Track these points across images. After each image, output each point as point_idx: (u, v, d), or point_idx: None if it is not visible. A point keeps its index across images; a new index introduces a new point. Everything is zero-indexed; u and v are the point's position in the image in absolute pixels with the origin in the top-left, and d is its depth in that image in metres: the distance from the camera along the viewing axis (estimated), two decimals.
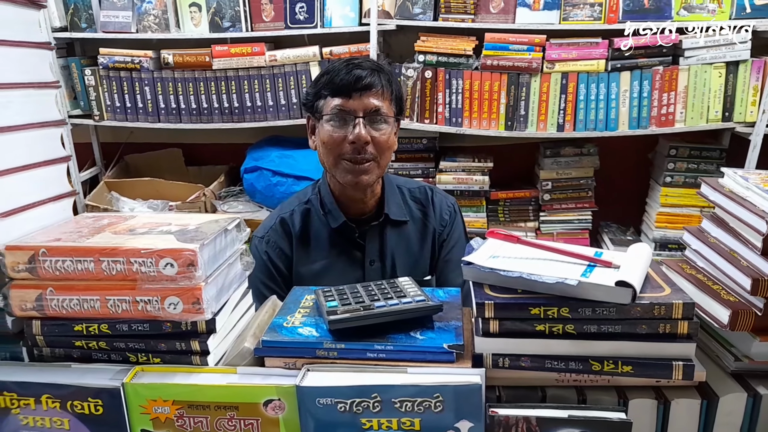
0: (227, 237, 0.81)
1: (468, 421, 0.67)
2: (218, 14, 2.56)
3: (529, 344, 0.70)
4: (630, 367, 0.68)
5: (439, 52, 2.53)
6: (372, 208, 1.28)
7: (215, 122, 2.68)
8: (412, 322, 0.76)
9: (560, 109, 2.50)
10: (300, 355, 0.73)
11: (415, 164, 2.81)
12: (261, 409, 0.70)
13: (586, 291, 0.68)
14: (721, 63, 2.36)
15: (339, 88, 1.15)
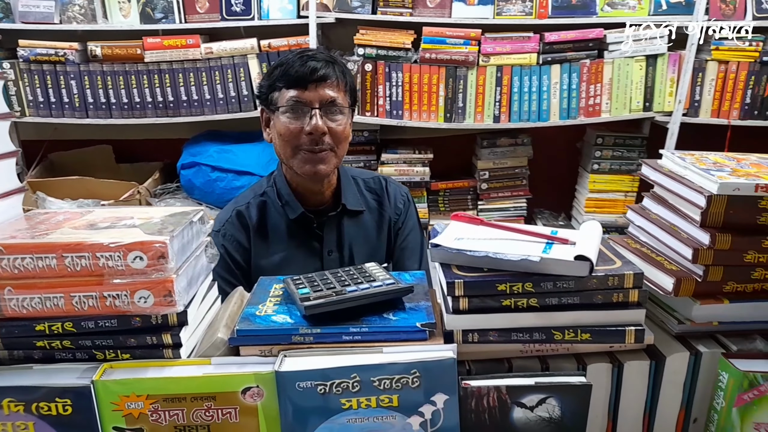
0: (193, 229, 0.80)
1: (443, 394, 0.70)
2: (149, 5, 2.47)
3: (496, 319, 0.74)
4: (588, 334, 0.73)
5: (378, 45, 2.55)
6: (329, 198, 1.29)
7: (148, 117, 2.59)
8: (385, 304, 0.78)
9: (496, 101, 2.59)
10: (276, 342, 0.74)
11: (357, 157, 2.83)
12: (239, 398, 0.70)
13: (547, 266, 0.72)
14: (642, 57, 2.52)
15: (294, 79, 1.15)
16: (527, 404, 0.71)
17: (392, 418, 0.71)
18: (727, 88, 2.51)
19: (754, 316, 0.76)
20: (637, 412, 0.77)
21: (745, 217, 0.72)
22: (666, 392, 0.76)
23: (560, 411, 0.72)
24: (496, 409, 0.72)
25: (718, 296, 0.75)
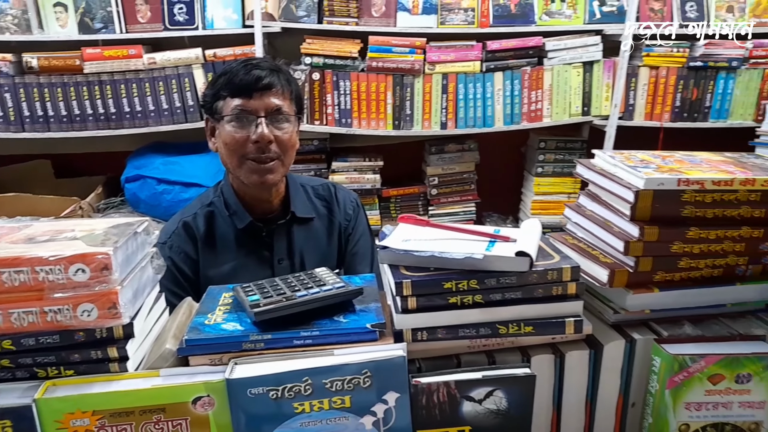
0: (137, 240, 0.79)
1: (395, 393, 0.72)
2: (88, 14, 2.41)
3: (444, 316, 0.76)
4: (531, 327, 0.77)
5: (325, 54, 2.57)
6: (277, 207, 1.29)
7: (89, 130, 2.51)
8: (335, 307, 0.79)
9: (443, 108, 2.64)
10: (226, 350, 0.73)
11: (307, 165, 2.83)
12: (189, 408, 0.69)
13: (490, 263, 0.75)
14: (579, 63, 2.63)
15: (239, 88, 1.15)
16: (475, 398, 0.74)
17: (345, 419, 0.72)
18: (659, 92, 2.65)
19: (682, 302, 0.81)
20: (580, 399, 0.81)
21: (670, 210, 0.77)
22: (605, 379, 0.80)
23: (507, 402, 0.74)
24: (446, 404, 0.74)
25: (649, 286, 0.80)
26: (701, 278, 0.81)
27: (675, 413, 0.76)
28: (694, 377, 0.75)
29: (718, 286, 0.81)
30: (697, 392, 0.75)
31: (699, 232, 0.76)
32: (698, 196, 0.75)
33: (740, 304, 0.83)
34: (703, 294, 0.81)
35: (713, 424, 0.77)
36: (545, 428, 0.82)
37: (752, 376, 0.75)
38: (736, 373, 0.75)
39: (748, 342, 0.78)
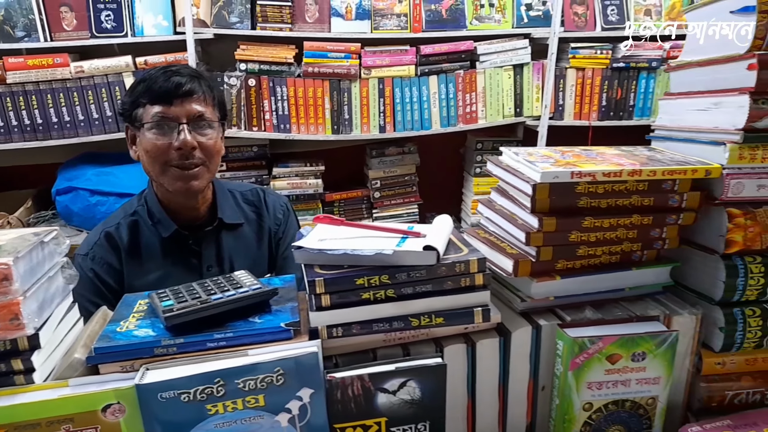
0: (44, 250, 0.77)
1: (309, 389, 0.73)
2: (8, 23, 2.32)
3: (357, 312, 0.78)
4: (441, 318, 0.79)
5: (260, 60, 2.56)
6: (204, 213, 1.28)
7: (15, 141, 2.42)
8: (251, 308, 0.80)
9: (380, 112, 2.67)
10: (137, 356, 0.73)
11: (247, 172, 2.80)
12: (99, 416, 0.69)
13: (400, 258, 0.78)
14: (509, 66, 2.71)
15: (159, 95, 1.14)
16: (389, 389, 0.76)
17: (260, 418, 0.72)
18: (586, 92, 2.77)
19: (583, 288, 0.86)
20: (493, 386, 0.84)
21: (566, 202, 0.81)
22: (515, 365, 0.84)
23: (420, 392, 0.77)
24: (361, 397, 0.75)
25: (551, 274, 0.84)
26: (600, 265, 0.86)
27: (578, 393, 0.81)
28: (594, 358, 0.79)
29: (616, 271, 0.86)
30: (598, 372, 0.80)
31: (593, 221, 0.81)
32: (591, 188, 0.80)
33: (638, 287, 0.88)
34: (602, 280, 0.86)
35: (614, 402, 0.82)
36: (461, 416, 0.85)
37: (647, 354, 0.80)
38: (632, 351, 0.80)
39: (643, 323, 0.83)
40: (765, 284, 0.83)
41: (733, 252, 0.83)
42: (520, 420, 0.87)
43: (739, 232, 0.81)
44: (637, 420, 0.83)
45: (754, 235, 0.82)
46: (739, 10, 0.79)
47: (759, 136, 0.79)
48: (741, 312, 0.84)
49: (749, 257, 0.83)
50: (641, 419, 0.84)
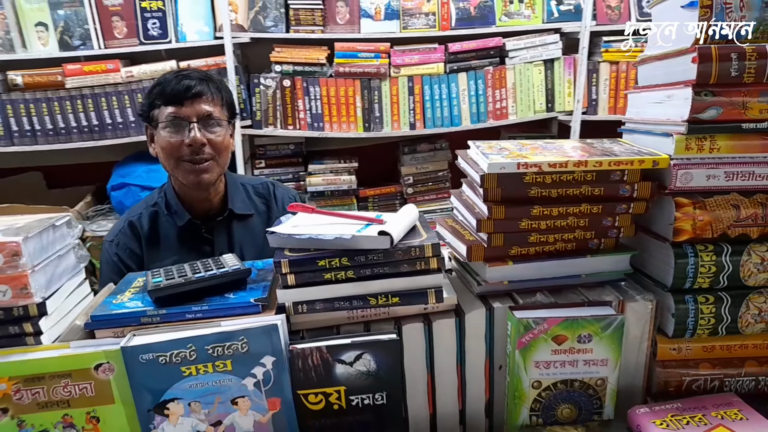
0: (56, 232, 0.90)
1: (271, 356, 0.82)
2: (67, 33, 2.55)
3: (320, 291, 0.86)
4: (397, 298, 0.86)
5: (294, 62, 2.68)
6: (217, 205, 1.40)
7: (74, 141, 2.65)
8: (228, 286, 0.90)
9: (410, 110, 2.74)
10: (126, 324, 0.84)
11: (285, 169, 2.94)
12: (93, 373, 0.80)
13: (357, 242, 0.85)
14: (540, 61, 2.71)
15: (171, 97, 1.26)
16: (346, 360, 0.84)
17: (229, 381, 0.82)
18: (620, 86, 2.73)
19: (538, 274, 0.90)
20: (451, 363, 0.90)
21: (517, 191, 0.86)
22: (471, 344, 0.89)
23: (375, 364, 0.84)
24: (320, 367, 0.84)
25: (505, 259, 0.89)
26: (555, 251, 0.90)
27: (527, 371, 0.85)
28: (540, 338, 0.84)
29: (571, 258, 0.90)
30: (544, 352, 0.84)
31: (542, 209, 0.85)
32: (539, 178, 0.84)
33: (595, 274, 0.92)
34: (557, 266, 0.90)
35: (563, 381, 0.86)
36: (422, 391, 0.91)
37: (593, 336, 0.84)
38: (577, 333, 0.84)
39: (594, 307, 0.87)
40: (717, 272, 0.85)
41: (683, 240, 0.85)
42: (478, 397, 0.92)
43: (688, 221, 0.83)
44: (588, 400, 0.87)
45: (704, 224, 0.83)
46: (686, 5, 0.81)
47: (704, 127, 0.81)
48: (693, 299, 0.86)
49: (701, 246, 0.85)
50: (591, 399, 0.87)
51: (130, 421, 0.83)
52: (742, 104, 0.79)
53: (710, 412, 0.83)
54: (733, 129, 0.81)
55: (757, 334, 0.88)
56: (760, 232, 0.85)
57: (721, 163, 0.82)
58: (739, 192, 0.84)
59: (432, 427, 0.93)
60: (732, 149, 0.82)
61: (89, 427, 0.83)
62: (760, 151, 0.82)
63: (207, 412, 0.83)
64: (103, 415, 0.82)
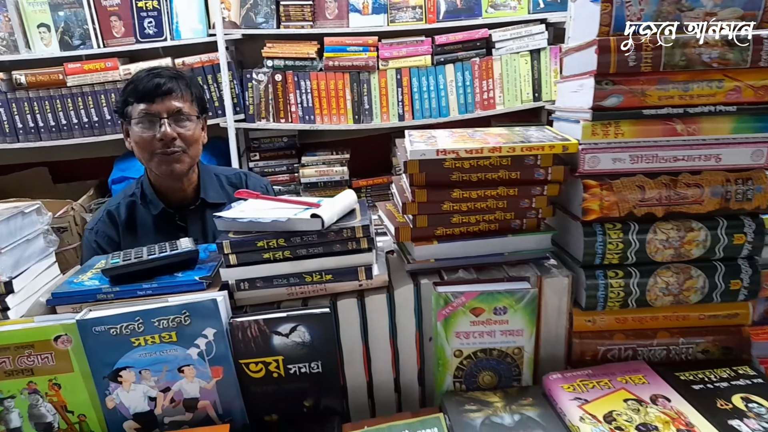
0: (24, 219, 0.99)
1: (212, 328, 0.90)
2: (67, 33, 2.66)
3: (260, 269, 0.94)
4: (330, 275, 0.94)
5: (285, 57, 2.76)
6: (191, 194, 1.49)
7: (76, 137, 2.77)
8: (178, 266, 0.98)
9: (399, 101, 2.80)
10: (83, 300, 0.93)
11: (279, 162, 3.03)
12: (52, 344, 0.89)
13: (292, 224, 0.93)
14: (526, 52, 2.75)
15: (143, 94, 1.35)
16: (282, 332, 0.91)
17: (175, 351, 0.90)
18: None
19: (462, 252, 0.96)
20: (384, 336, 0.98)
21: (440, 176, 0.92)
22: (401, 318, 0.97)
23: (309, 336, 0.92)
24: (259, 338, 0.92)
25: (430, 239, 0.96)
26: (479, 232, 0.96)
27: (449, 341, 0.92)
28: (459, 310, 0.91)
29: (493, 238, 0.96)
30: (463, 323, 0.91)
31: (461, 192, 0.92)
32: (458, 163, 0.91)
33: (518, 252, 0.98)
34: (480, 245, 0.96)
35: (482, 350, 0.93)
36: (358, 361, 0.99)
37: (508, 309, 0.90)
38: (493, 306, 0.90)
39: (512, 282, 0.93)
40: (625, 249, 0.90)
41: (593, 219, 0.91)
42: (411, 365, 0.99)
43: (595, 201, 0.89)
44: (506, 367, 0.94)
45: (610, 203, 0.89)
46: (594, 0, 0.87)
47: (608, 114, 0.86)
48: (603, 274, 0.92)
49: (609, 224, 0.91)
50: (510, 367, 0.94)
51: (89, 388, 0.92)
52: (641, 92, 0.85)
53: (616, 378, 0.89)
54: (635, 115, 0.86)
55: (666, 306, 0.94)
56: (665, 211, 0.90)
57: (626, 147, 0.88)
58: (644, 174, 0.89)
59: (369, 394, 1.00)
60: (635, 134, 0.87)
61: (52, 393, 0.92)
62: (662, 135, 0.87)
63: (156, 380, 0.91)
64: (64, 382, 0.91)
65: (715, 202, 0.90)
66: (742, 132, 0.87)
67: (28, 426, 0.92)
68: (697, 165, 0.89)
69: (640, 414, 0.82)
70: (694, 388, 0.89)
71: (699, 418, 0.81)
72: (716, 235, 0.91)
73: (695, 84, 0.84)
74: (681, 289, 0.93)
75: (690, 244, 0.91)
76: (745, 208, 0.91)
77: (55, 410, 0.92)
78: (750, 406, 0.84)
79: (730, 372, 0.92)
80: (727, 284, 0.93)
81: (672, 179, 0.90)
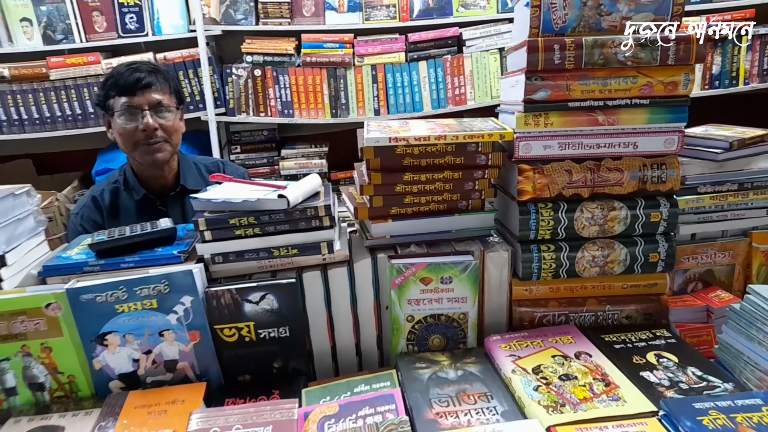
0: (16, 200, 1.09)
1: (189, 296, 1.00)
2: (50, 27, 2.73)
3: (232, 245, 1.05)
4: (296, 250, 1.05)
5: (264, 53, 2.85)
6: (171, 181, 1.58)
7: (60, 130, 2.83)
8: (158, 242, 1.08)
9: (374, 96, 2.91)
10: (72, 272, 1.03)
11: (260, 154, 3.12)
12: (43, 311, 0.99)
13: (261, 204, 1.03)
14: (495, 50, 2.87)
15: (124, 88, 1.44)
16: (253, 300, 1.02)
17: (155, 317, 1.01)
18: None
19: (414, 230, 1.08)
20: (345, 305, 1.09)
21: (393, 161, 1.03)
22: (360, 289, 1.08)
23: (278, 303, 1.03)
24: (231, 306, 1.02)
25: (386, 218, 1.07)
26: (429, 211, 1.08)
27: (401, 308, 1.04)
28: (410, 280, 1.02)
29: (441, 217, 1.08)
30: (414, 291, 1.03)
31: (412, 175, 1.03)
32: (408, 150, 1.02)
33: (464, 230, 1.10)
34: (430, 223, 1.08)
35: (432, 315, 1.05)
36: (323, 327, 1.10)
37: (453, 278, 1.02)
38: (440, 276, 1.02)
39: (457, 255, 1.05)
40: (555, 225, 1.03)
41: (527, 199, 1.03)
42: (370, 331, 1.11)
43: (528, 183, 1.01)
44: (453, 331, 1.06)
45: (542, 185, 1.01)
46: (525, 4, 0.98)
47: (538, 106, 0.98)
48: (537, 248, 1.04)
49: (541, 204, 1.03)
50: (456, 330, 1.06)
51: (77, 351, 1.02)
52: (566, 87, 0.97)
53: (548, 339, 1.02)
54: (562, 107, 0.98)
55: (594, 277, 1.07)
56: (590, 193, 1.02)
57: (555, 135, 1.00)
58: (571, 159, 1.02)
59: (333, 357, 1.12)
60: (563, 124, 0.99)
61: (43, 356, 1.02)
62: (586, 125, 0.99)
63: (139, 343, 1.02)
64: (55, 346, 1.01)
65: (633, 185, 1.03)
66: (655, 122, 1.00)
67: (22, 385, 1.02)
68: (618, 151, 1.01)
69: (564, 367, 0.94)
70: (616, 347, 1.01)
71: (614, 370, 0.93)
72: (635, 214, 1.03)
73: (613, 80, 0.96)
74: (606, 261, 1.05)
75: (613, 221, 1.03)
76: (660, 189, 1.03)
77: (46, 371, 1.02)
78: (661, 361, 0.97)
79: (649, 334, 1.05)
80: (646, 257, 1.05)
81: (596, 164, 1.02)
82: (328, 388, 0.99)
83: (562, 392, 0.88)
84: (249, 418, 0.90)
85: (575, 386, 0.89)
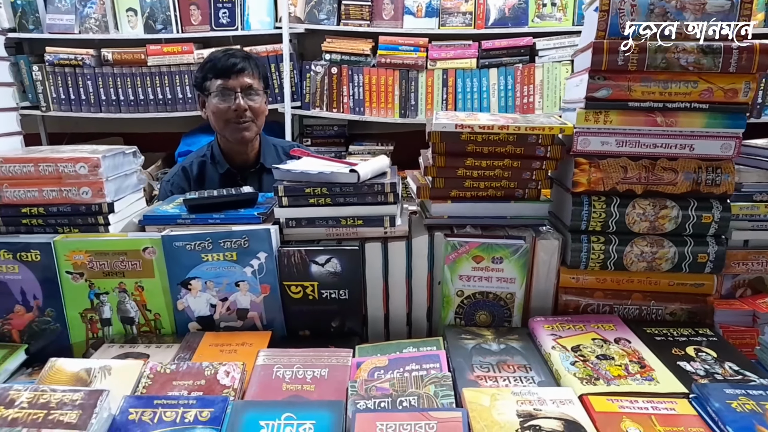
0: (125, 158, 1.25)
1: (264, 252, 1.13)
2: (152, 18, 2.98)
3: (305, 211, 1.16)
4: (361, 221, 1.15)
5: (342, 52, 3.01)
6: (253, 159, 1.74)
7: (150, 112, 3.09)
8: (241, 204, 1.22)
9: (443, 100, 3.00)
10: (167, 223, 1.18)
11: (328, 148, 3.28)
12: (141, 254, 1.14)
13: (334, 177, 1.15)
14: (567, 61, 2.90)
15: (220, 71, 1.61)
16: (319, 262, 1.14)
17: (234, 268, 1.14)
18: None
19: (471, 212, 1.16)
20: (401, 277, 1.18)
21: (457, 147, 1.12)
22: (416, 263, 1.17)
23: (341, 267, 1.13)
24: (300, 265, 1.14)
25: (446, 199, 1.16)
26: (487, 196, 1.16)
27: (453, 282, 1.12)
28: (463, 257, 1.10)
29: (498, 202, 1.15)
30: (466, 267, 1.11)
31: (474, 161, 1.11)
32: (472, 137, 1.11)
33: (519, 217, 1.17)
34: (487, 207, 1.16)
35: (480, 292, 1.12)
36: (379, 296, 1.19)
37: (503, 259, 1.10)
38: (492, 256, 1.10)
39: (509, 239, 1.12)
40: (606, 218, 1.08)
41: (581, 191, 1.09)
42: (421, 303, 1.19)
43: (584, 176, 1.07)
44: (500, 309, 1.13)
45: (597, 179, 1.07)
46: (594, 9, 1.05)
47: (599, 104, 1.04)
48: (587, 238, 1.10)
49: (595, 197, 1.09)
50: (503, 309, 1.13)
51: (165, 291, 1.16)
52: (627, 87, 1.02)
53: (590, 324, 1.07)
54: (622, 106, 1.04)
55: (641, 271, 1.11)
56: (644, 189, 1.07)
57: (613, 133, 1.06)
58: (627, 156, 1.07)
59: (386, 324, 1.21)
60: (621, 122, 1.05)
61: (136, 294, 1.17)
62: (644, 125, 1.04)
63: (218, 290, 1.15)
64: (147, 285, 1.16)
65: (687, 185, 1.07)
66: (713, 127, 1.04)
67: (116, 318, 1.17)
68: (674, 152, 1.06)
69: (602, 348, 1.00)
70: (656, 339, 1.06)
71: (651, 356, 0.98)
72: (687, 214, 1.07)
73: (673, 83, 1.01)
74: (654, 257, 1.10)
75: (664, 219, 1.08)
76: (713, 192, 1.07)
77: (137, 308, 1.17)
78: (699, 355, 1.00)
79: (691, 331, 1.08)
80: (695, 257, 1.09)
81: (651, 163, 1.07)
82: (379, 347, 1.09)
83: (597, 369, 0.93)
84: (309, 360, 1.01)
85: (611, 365, 0.94)
